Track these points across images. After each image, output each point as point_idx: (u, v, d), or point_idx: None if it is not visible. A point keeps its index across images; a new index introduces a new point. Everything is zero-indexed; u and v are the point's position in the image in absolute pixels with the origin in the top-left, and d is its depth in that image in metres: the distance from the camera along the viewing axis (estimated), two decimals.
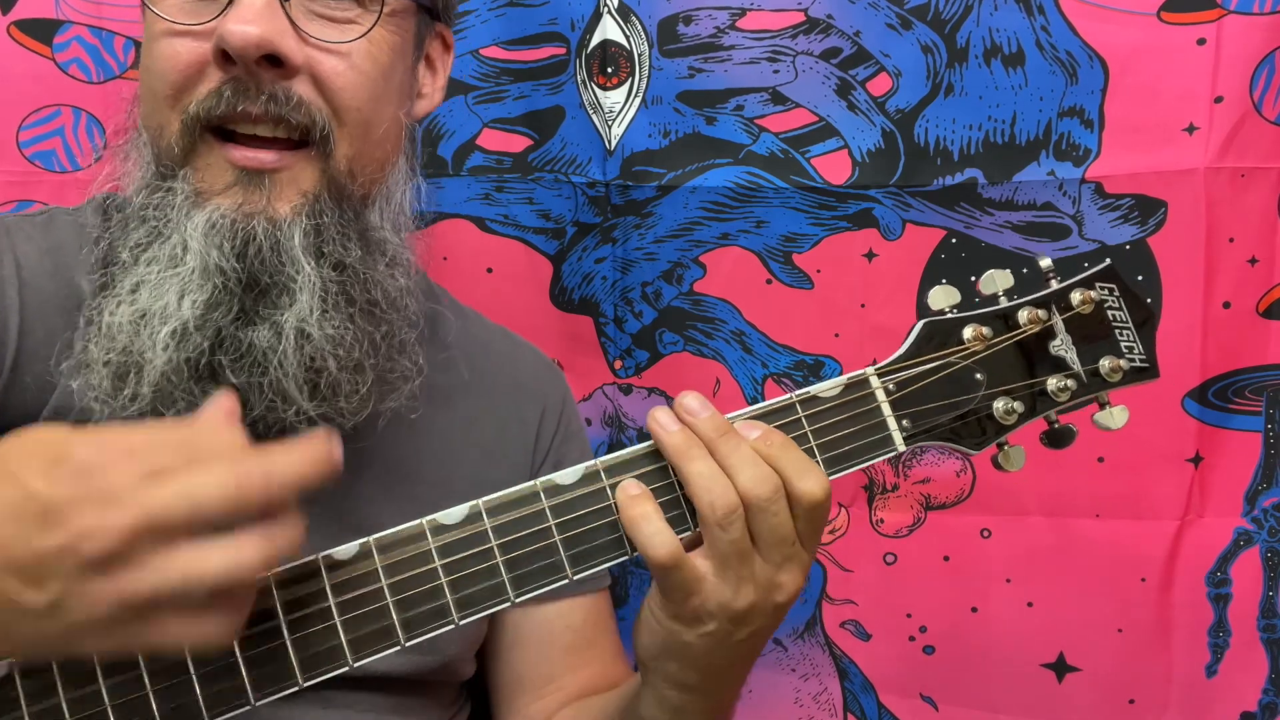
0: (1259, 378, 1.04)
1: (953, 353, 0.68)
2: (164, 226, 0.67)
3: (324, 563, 0.58)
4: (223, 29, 0.64)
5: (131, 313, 0.66)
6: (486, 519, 0.60)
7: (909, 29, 1.05)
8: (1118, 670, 1.09)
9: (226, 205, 0.67)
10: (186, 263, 0.65)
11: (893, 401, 0.66)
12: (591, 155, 1.11)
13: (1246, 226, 1.01)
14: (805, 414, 0.65)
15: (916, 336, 0.68)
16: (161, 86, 0.68)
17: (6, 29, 1.11)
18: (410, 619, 0.58)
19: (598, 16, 1.09)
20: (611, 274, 1.14)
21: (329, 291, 0.69)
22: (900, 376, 0.67)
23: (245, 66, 0.65)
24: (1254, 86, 0.98)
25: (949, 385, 0.67)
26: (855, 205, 1.07)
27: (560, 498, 0.62)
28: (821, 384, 0.66)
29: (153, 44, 0.69)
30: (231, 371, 0.66)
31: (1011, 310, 0.70)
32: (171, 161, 0.68)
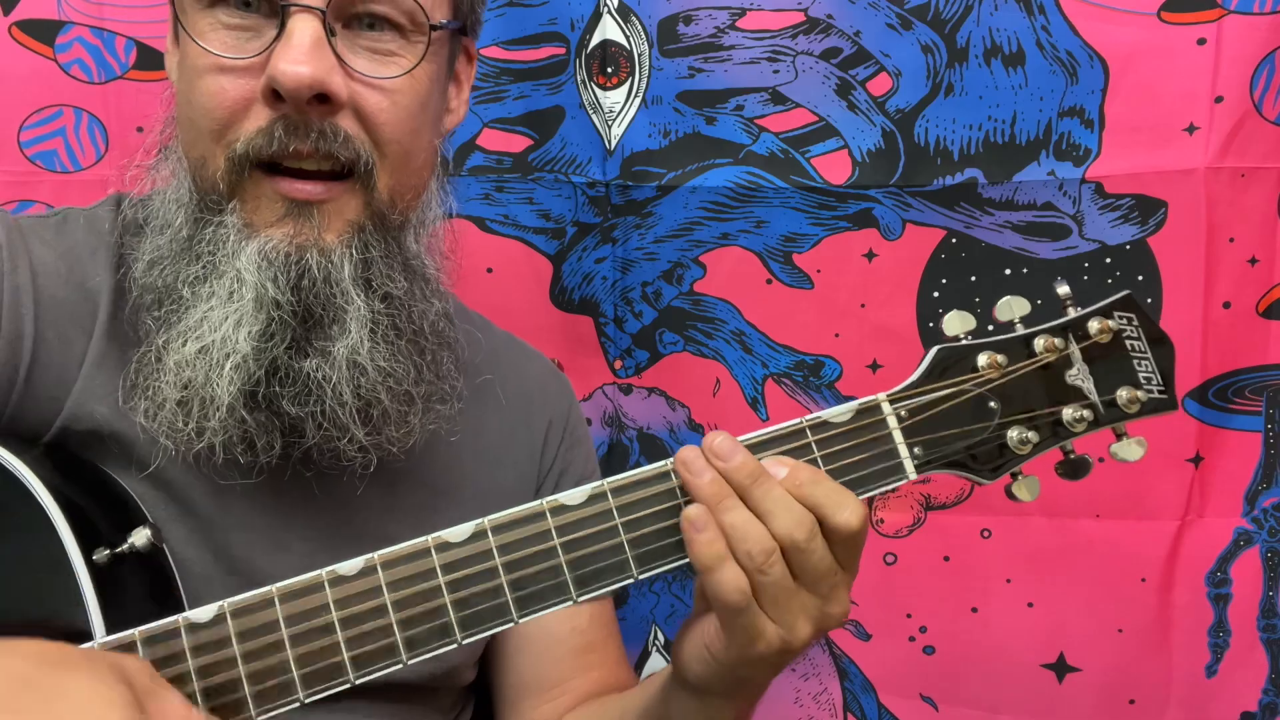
0: (1259, 378, 1.04)
1: (966, 380, 0.67)
2: (219, 261, 0.67)
3: (328, 578, 0.58)
4: (275, 70, 0.64)
5: (196, 349, 0.66)
6: (491, 537, 0.60)
7: (909, 29, 1.05)
8: (1118, 670, 1.09)
9: (278, 236, 0.67)
10: (243, 295, 0.66)
11: (904, 428, 0.65)
12: (591, 155, 1.11)
13: (1246, 226, 1.01)
14: (815, 439, 0.64)
15: (930, 363, 0.67)
16: (207, 123, 0.67)
17: (8, 29, 1.11)
18: (413, 637, 0.58)
19: (598, 16, 1.09)
20: (611, 274, 1.14)
21: (378, 324, 0.70)
22: (913, 403, 0.66)
23: (295, 105, 0.65)
24: (1254, 86, 0.98)
25: (962, 413, 0.66)
26: (855, 205, 1.07)
27: (566, 517, 0.61)
28: (833, 409, 0.65)
29: (196, 78, 0.67)
30: (287, 401, 0.67)
31: (1028, 338, 0.68)
32: (218, 195, 0.68)
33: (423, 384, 0.73)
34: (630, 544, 0.62)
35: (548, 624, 0.86)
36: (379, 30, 0.69)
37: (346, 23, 0.68)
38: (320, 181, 0.68)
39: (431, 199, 0.77)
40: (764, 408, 1.12)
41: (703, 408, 1.14)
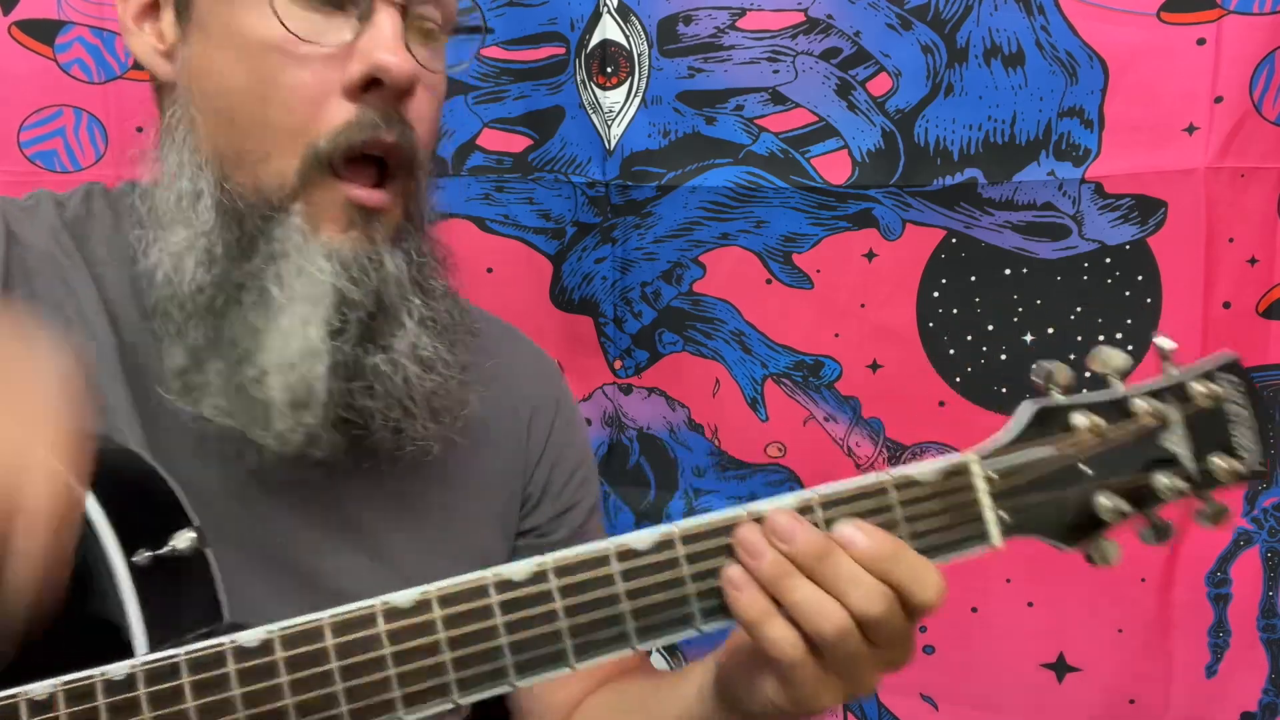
0: (1259, 378, 1.04)
1: (1062, 442, 0.62)
2: (290, 259, 0.67)
3: (381, 610, 0.56)
4: (379, 60, 0.64)
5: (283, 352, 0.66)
6: (554, 580, 0.57)
7: (909, 29, 1.05)
8: (1118, 670, 1.09)
9: (346, 241, 0.68)
10: (313, 292, 0.66)
11: (993, 493, 0.61)
12: (591, 155, 1.11)
13: (1246, 226, 1.01)
14: (900, 498, 0.60)
15: (1025, 422, 0.63)
16: (284, 118, 0.65)
17: (8, 29, 1.11)
18: (466, 678, 0.56)
19: (597, 16, 1.09)
20: (611, 274, 1.14)
21: (428, 318, 0.71)
22: (1004, 465, 0.62)
23: (389, 97, 0.66)
24: (1254, 86, 0.98)
25: (1054, 477, 0.62)
26: (855, 205, 1.07)
27: (633, 563, 0.58)
28: (918, 467, 0.61)
29: (267, 66, 0.65)
30: (358, 395, 0.68)
31: (1125, 399, 0.64)
32: (283, 193, 0.67)
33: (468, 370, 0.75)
34: (699, 596, 0.58)
35: None
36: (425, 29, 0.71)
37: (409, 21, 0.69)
38: (383, 189, 0.69)
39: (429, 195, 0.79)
40: (764, 408, 1.13)
41: (702, 408, 1.14)
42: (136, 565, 0.60)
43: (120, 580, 0.59)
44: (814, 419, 1.12)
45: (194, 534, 0.62)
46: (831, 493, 0.60)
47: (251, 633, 0.56)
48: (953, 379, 1.09)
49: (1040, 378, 0.64)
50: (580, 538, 0.87)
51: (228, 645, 0.55)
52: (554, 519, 0.87)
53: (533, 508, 0.86)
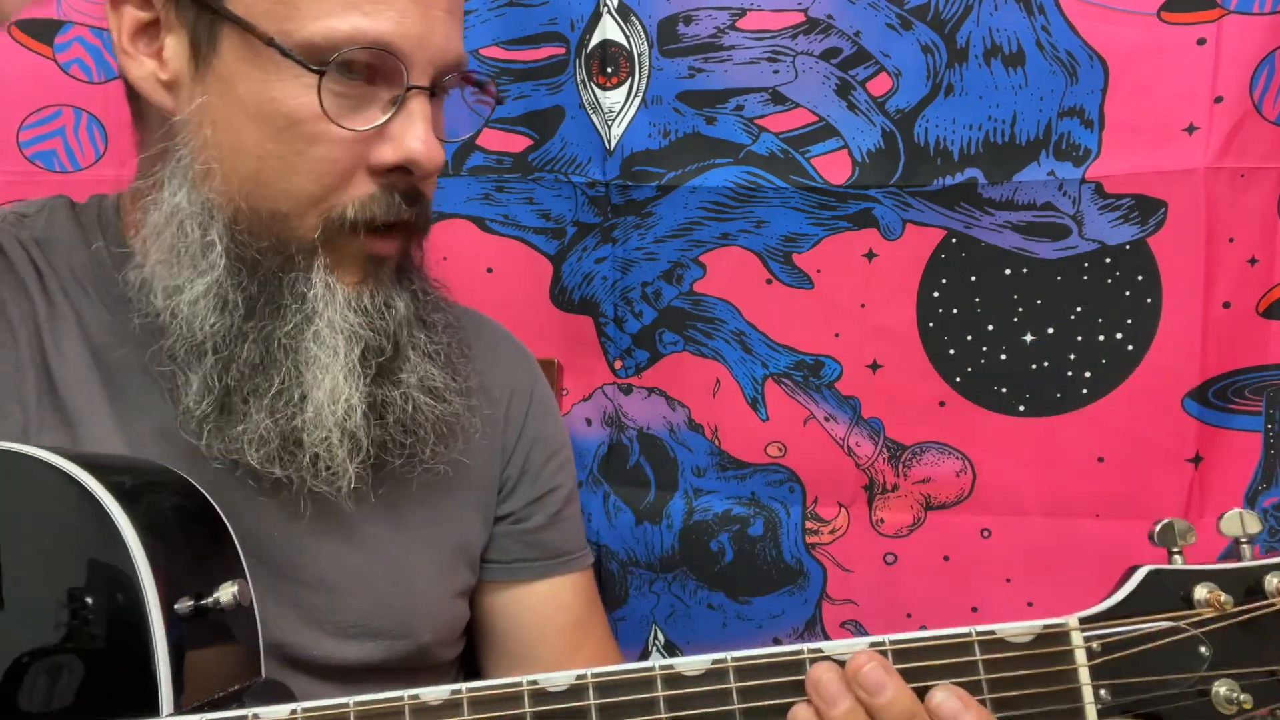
0: (1259, 378, 1.04)
1: (1179, 617, 0.56)
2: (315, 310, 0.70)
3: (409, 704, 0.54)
4: (412, 152, 0.68)
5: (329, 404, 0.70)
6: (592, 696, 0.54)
7: (909, 29, 1.05)
8: None
9: (366, 289, 0.72)
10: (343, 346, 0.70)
11: (1094, 666, 0.55)
12: (591, 155, 1.11)
13: (1246, 226, 1.01)
14: (984, 658, 0.55)
15: (1136, 587, 0.57)
16: (310, 187, 0.68)
17: (7, 29, 1.11)
18: None
19: (597, 16, 1.09)
20: (611, 274, 1.14)
21: (435, 353, 0.76)
22: (1108, 635, 0.55)
23: (416, 179, 0.70)
24: (1254, 86, 0.98)
25: (1165, 655, 0.55)
26: (855, 205, 1.07)
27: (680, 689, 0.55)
28: (1011, 626, 0.55)
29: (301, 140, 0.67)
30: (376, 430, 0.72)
31: (1257, 572, 0.56)
32: (302, 249, 0.70)
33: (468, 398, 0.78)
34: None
35: (535, 602, 0.87)
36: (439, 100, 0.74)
37: None
38: (393, 239, 0.73)
39: None
40: (764, 408, 1.13)
41: (703, 408, 1.14)
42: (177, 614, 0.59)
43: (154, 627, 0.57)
44: (814, 419, 1.12)
45: (236, 587, 0.62)
46: (907, 641, 0.55)
47: (275, 709, 0.55)
48: (953, 379, 1.09)
49: (1157, 537, 0.58)
50: (558, 524, 0.89)
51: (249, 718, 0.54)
52: (531, 503, 0.88)
53: (510, 493, 0.87)
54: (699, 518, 1.15)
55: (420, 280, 0.77)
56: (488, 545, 0.86)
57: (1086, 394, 1.06)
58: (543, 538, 0.88)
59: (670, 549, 1.16)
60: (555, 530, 0.89)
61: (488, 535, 0.86)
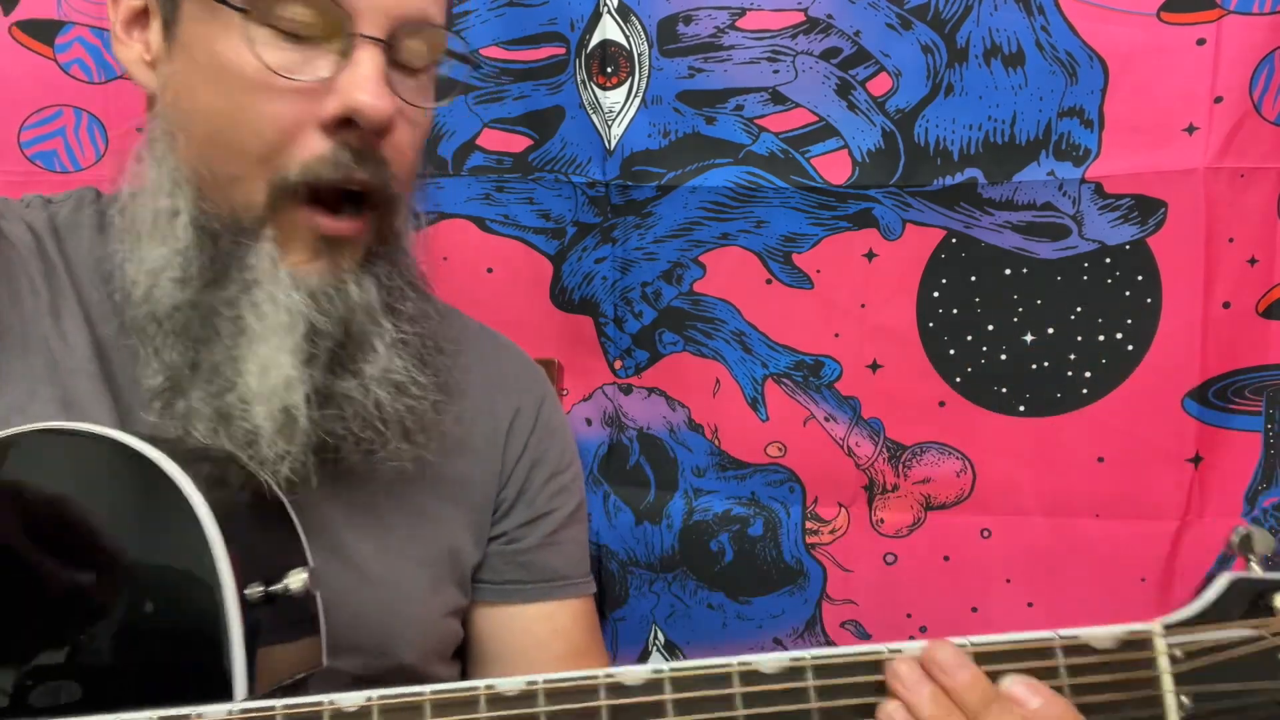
0: (1259, 378, 1.04)
1: (1263, 625, 0.55)
2: (256, 287, 0.67)
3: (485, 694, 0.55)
4: (355, 101, 0.64)
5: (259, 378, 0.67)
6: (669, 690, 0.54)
7: (909, 29, 1.05)
8: None
9: (314, 270, 0.68)
10: (280, 319, 0.67)
11: (1177, 674, 0.55)
12: (591, 155, 1.12)
13: (1246, 226, 1.01)
14: (1067, 663, 0.55)
15: (1219, 595, 0.56)
16: (255, 144, 0.66)
17: (8, 29, 1.11)
18: None
19: (597, 16, 1.09)
20: (611, 274, 1.14)
21: (399, 341, 0.72)
22: (1192, 643, 0.55)
23: (363, 136, 0.66)
24: (1254, 86, 0.98)
25: (1248, 665, 0.55)
26: (855, 205, 1.08)
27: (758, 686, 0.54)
28: (1094, 631, 0.55)
29: (245, 95, 0.65)
30: (330, 421, 0.69)
31: None
32: (252, 218, 0.67)
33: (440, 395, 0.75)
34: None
35: (527, 626, 0.85)
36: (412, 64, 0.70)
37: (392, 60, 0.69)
38: (355, 219, 0.69)
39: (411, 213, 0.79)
40: (764, 408, 1.13)
41: (703, 408, 1.14)
42: (247, 599, 0.59)
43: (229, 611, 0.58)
44: (814, 419, 1.12)
45: (307, 574, 0.62)
46: (989, 644, 0.56)
47: (351, 696, 0.55)
48: (953, 379, 1.09)
49: (1238, 545, 0.58)
50: (553, 547, 0.87)
51: (326, 705, 0.55)
52: (525, 525, 0.86)
53: (506, 512, 0.86)
54: (699, 518, 1.15)
55: (390, 266, 0.73)
56: (480, 565, 0.85)
57: (1086, 394, 1.06)
58: (535, 559, 0.86)
59: (670, 549, 1.16)
60: (550, 552, 0.87)
61: (480, 555, 0.84)
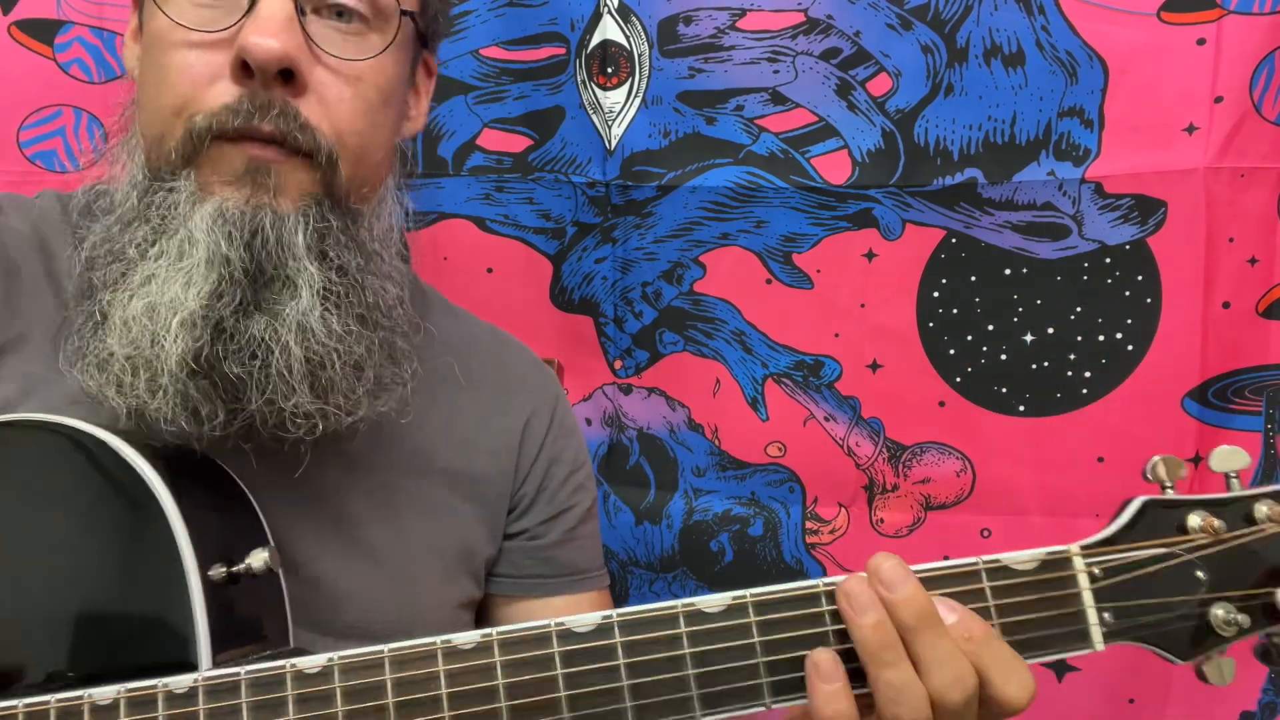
0: (1259, 378, 1.04)
1: (1175, 543, 0.58)
2: (170, 223, 0.67)
3: (442, 648, 0.56)
4: (244, 41, 0.64)
5: (144, 306, 0.65)
6: (618, 634, 0.56)
7: (909, 29, 1.05)
8: (1118, 670, 1.09)
9: (234, 197, 0.67)
10: (194, 254, 0.65)
11: (1096, 590, 0.57)
12: (591, 155, 1.12)
13: (1246, 226, 1.01)
14: (991, 585, 0.57)
15: (1132, 516, 0.59)
16: (170, 98, 0.67)
17: (7, 29, 1.11)
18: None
19: (598, 16, 1.09)
20: (611, 274, 1.14)
21: (330, 293, 0.69)
22: (1109, 561, 0.58)
23: (263, 80, 0.65)
24: (1254, 86, 0.98)
25: (1163, 581, 0.58)
26: (855, 205, 1.08)
27: (702, 625, 0.56)
28: (1015, 554, 0.58)
29: (161, 53, 0.68)
30: (231, 362, 0.65)
31: (1246, 501, 0.60)
32: (171, 166, 0.68)
33: (373, 359, 0.72)
34: (767, 668, 0.56)
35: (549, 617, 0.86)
36: (347, 20, 0.70)
37: (315, 8, 0.69)
38: (280, 148, 0.68)
39: (388, 196, 0.78)
40: (764, 408, 1.13)
41: (703, 408, 1.14)
42: (211, 579, 0.60)
43: (193, 592, 0.59)
44: (814, 419, 1.12)
45: (268, 553, 0.63)
46: (920, 570, 0.57)
47: (312, 659, 0.56)
48: (953, 379, 1.09)
49: (1150, 473, 0.60)
50: (573, 542, 0.88)
51: (288, 669, 0.55)
52: (546, 522, 0.87)
53: (525, 510, 0.87)
54: (699, 518, 1.15)
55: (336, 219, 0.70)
56: (498, 559, 0.86)
57: (1086, 394, 1.06)
58: (557, 555, 0.87)
59: (670, 549, 1.16)
60: (570, 548, 0.89)
61: (495, 549, 0.85)
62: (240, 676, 0.55)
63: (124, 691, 0.55)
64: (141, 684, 0.55)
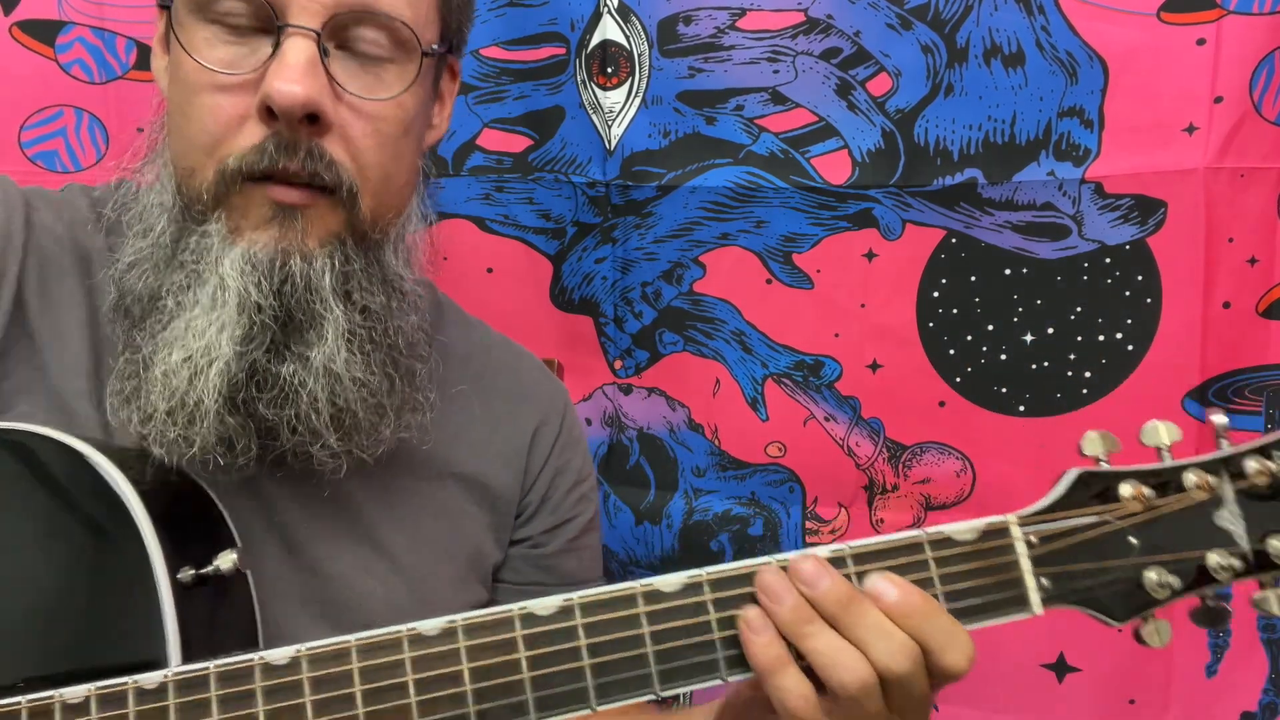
0: (1259, 378, 1.04)
1: (1107, 511, 0.61)
2: (202, 269, 0.68)
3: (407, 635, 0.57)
4: (270, 88, 0.65)
5: (182, 357, 0.67)
6: (579, 615, 0.57)
7: (909, 29, 1.05)
8: (1118, 670, 1.09)
9: (263, 240, 0.68)
10: (226, 301, 0.67)
11: (1033, 557, 0.60)
12: (591, 155, 1.12)
13: (1246, 226, 1.01)
14: (934, 555, 0.59)
15: (1068, 487, 0.62)
16: (202, 137, 0.68)
17: (9, 30, 1.11)
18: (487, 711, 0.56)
19: (598, 16, 1.09)
20: (611, 274, 1.14)
21: (355, 335, 0.71)
22: (1045, 529, 0.60)
23: (288, 124, 0.67)
24: (1254, 86, 0.98)
25: (1098, 547, 0.60)
26: (855, 205, 1.08)
27: (659, 604, 0.58)
28: (956, 525, 0.60)
29: (192, 93, 0.69)
30: (264, 405, 0.68)
31: (1177, 470, 0.62)
32: (203, 205, 0.69)
33: (395, 395, 0.74)
34: (724, 644, 0.58)
35: None
36: (371, 54, 0.71)
37: (340, 44, 0.69)
38: (306, 190, 0.69)
39: (412, 214, 0.79)
40: (764, 408, 1.13)
41: (703, 408, 1.15)
42: (180, 582, 0.61)
43: (162, 595, 0.60)
44: (814, 419, 1.12)
45: (235, 555, 0.64)
46: (863, 546, 0.59)
47: (280, 651, 0.57)
48: (953, 379, 1.09)
49: (1087, 447, 0.63)
50: (574, 552, 0.90)
51: (256, 661, 0.56)
52: (549, 531, 0.88)
53: (529, 518, 0.88)
54: (699, 518, 1.15)
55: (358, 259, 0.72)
56: (502, 565, 0.87)
57: (1086, 394, 1.06)
58: (558, 563, 0.89)
59: (670, 549, 1.16)
60: (571, 558, 0.90)
61: (501, 555, 0.86)
62: (209, 670, 0.56)
63: (95, 689, 0.56)
64: (112, 681, 0.56)
